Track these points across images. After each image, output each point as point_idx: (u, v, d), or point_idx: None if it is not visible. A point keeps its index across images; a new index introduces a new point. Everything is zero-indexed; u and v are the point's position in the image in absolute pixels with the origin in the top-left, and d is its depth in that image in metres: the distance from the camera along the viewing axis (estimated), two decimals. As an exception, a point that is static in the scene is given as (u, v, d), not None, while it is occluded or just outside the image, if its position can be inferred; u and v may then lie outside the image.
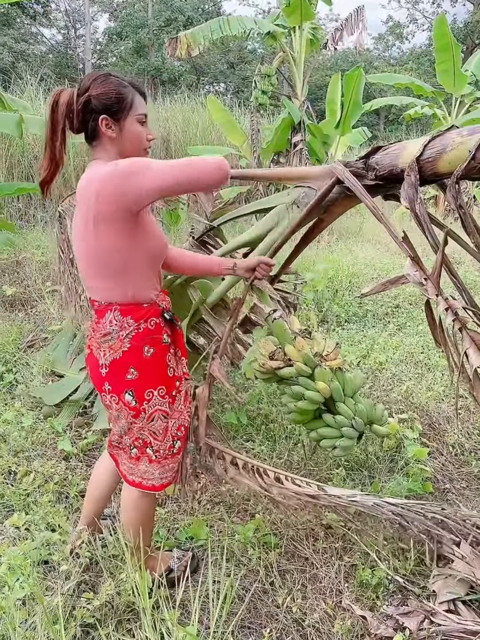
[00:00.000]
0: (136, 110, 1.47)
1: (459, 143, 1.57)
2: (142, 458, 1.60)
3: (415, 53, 28.44)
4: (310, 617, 1.71)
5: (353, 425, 1.92)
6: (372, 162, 1.83)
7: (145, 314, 1.51)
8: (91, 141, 1.49)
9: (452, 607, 1.71)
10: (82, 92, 1.42)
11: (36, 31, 25.81)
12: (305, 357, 1.99)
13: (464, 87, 8.90)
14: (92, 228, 1.39)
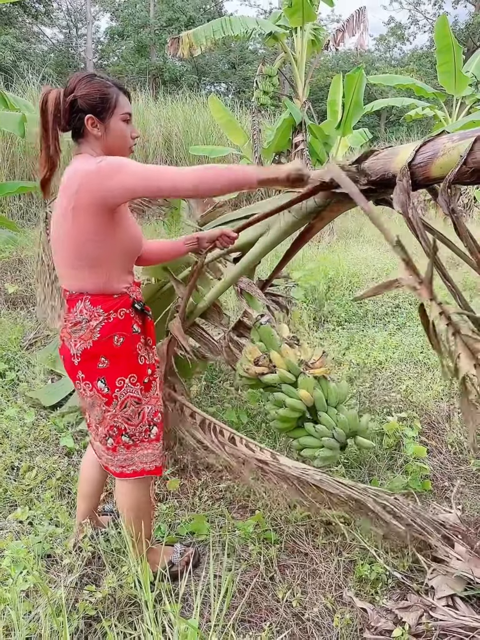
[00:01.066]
0: (121, 109, 1.51)
1: (450, 148, 1.58)
2: (118, 447, 1.63)
3: (417, 54, 28.46)
4: (310, 612, 1.73)
5: (334, 436, 1.93)
6: (364, 167, 1.84)
7: (115, 304, 1.54)
8: (77, 138, 1.53)
9: (450, 603, 1.73)
10: (68, 92, 1.47)
11: (38, 30, 25.84)
12: (289, 364, 2.00)
13: (464, 89, 8.92)
14: (71, 218, 1.43)
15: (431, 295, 1.51)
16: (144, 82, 17.49)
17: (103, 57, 28.38)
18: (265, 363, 2.04)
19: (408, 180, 1.65)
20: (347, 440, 1.97)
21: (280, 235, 2.14)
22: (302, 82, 8.56)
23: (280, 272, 2.61)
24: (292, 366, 1.97)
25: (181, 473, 2.40)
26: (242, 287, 2.28)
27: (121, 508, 1.71)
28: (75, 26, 27.70)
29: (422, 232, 1.65)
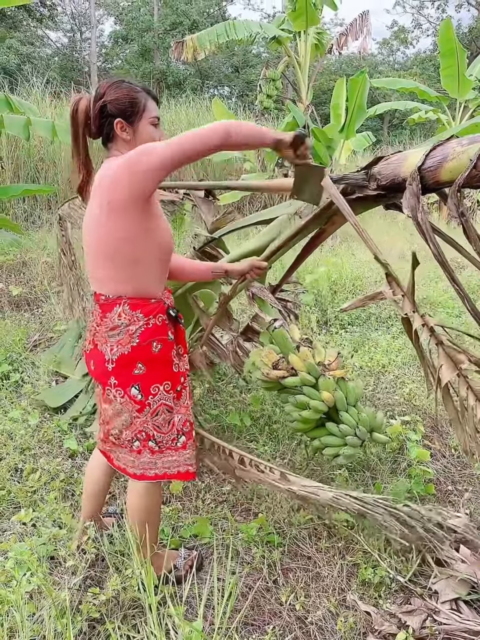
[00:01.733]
0: (149, 113, 1.53)
1: (460, 152, 1.59)
2: (143, 451, 1.62)
3: (420, 58, 28.51)
4: (313, 615, 1.73)
5: (357, 434, 1.95)
6: (374, 172, 1.85)
7: (153, 309, 1.54)
8: (107, 143, 1.56)
9: (454, 607, 1.72)
10: (98, 98, 1.50)
11: (42, 34, 25.97)
12: (310, 367, 2.02)
13: (468, 92, 8.94)
14: (105, 218, 1.44)
15: (413, 308, 1.52)
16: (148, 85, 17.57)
17: (107, 61, 28.51)
18: (285, 366, 2.06)
19: (418, 184, 1.66)
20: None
21: (289, 239, 2.15)
22: (306, 85, 8.59)
23: (290, 278, 2.62)
24: (313, 369, 1.99)
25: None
26: (254, 292, 2.30)
27: (132, 510, 1.70)
28: (79, 30, 27.84)
29: (431, 236, 1.66)
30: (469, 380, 1.46)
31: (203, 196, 2.67)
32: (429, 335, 1.51)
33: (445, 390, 1.54)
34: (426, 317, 1.52)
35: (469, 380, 1.46)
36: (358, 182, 1.89)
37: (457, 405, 1.53)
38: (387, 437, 2.02)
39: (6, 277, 5.02)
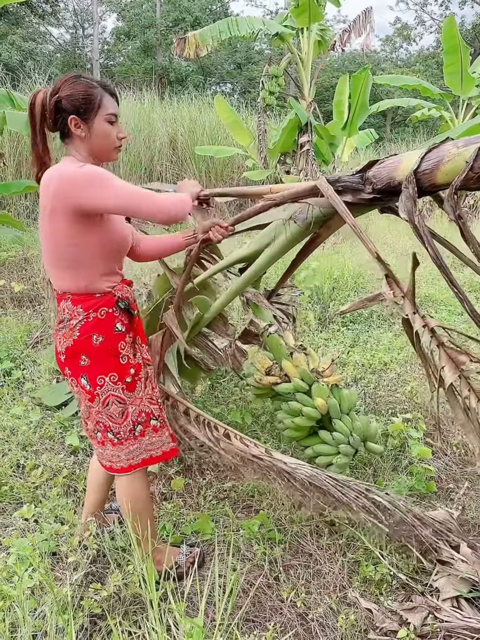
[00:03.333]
0: (105, 110, 1.52)
1: (455, 154, 1.59)
2: (106, 442, 1.65)
3: (423, 55, 28.41)
4: (315, 612, 1.73)
5: (350, 443, 1.93)
6: (369, 176, 1.85)
7: (95, 303, 1.56)
8: (64, 139, 1.55)
9: (455, 604, 1.72)
10: (53, 93, 1.49)
11: (44, 30, 25.92)
12: (303, 373, 2.00)
13: (471, 89, 8.89)
14: (48, 221, 1.47)
15: (414, 309, 1.52)
16: (150, 82, 17.52)
17: (109, 57, 28.45)
18: (277, 372, 2.05)
19: (414, 187, 1.65)
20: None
21: (286, 246, 2.14)
22: (308, 82, 8.57)
23: (286, 282, 2.62)
24: (306, 375, 1.98)
25: (186, 472, 2.41)
26: (249, 297, 2.30)
27: (120, 503, 1.74)
28: (81, 26, 27.79)
29: (429, 239, 1.65)
30: (471, 382, 1.46)
31: (197, 204, 2.66)
32: (430, 337, 1.50)
33: (451, 392, 1.53)
34: (427, 318, 1.52)
35: (471, 382, 1.46)
36: (353, 185, 1.89)
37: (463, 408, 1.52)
38: (381, 447, 2.01)
39: (8, 274, 5.03)
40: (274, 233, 2.14)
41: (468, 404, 1.47)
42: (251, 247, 2.24)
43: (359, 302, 1.72)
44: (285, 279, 2.51)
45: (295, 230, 2.08)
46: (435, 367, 1.55)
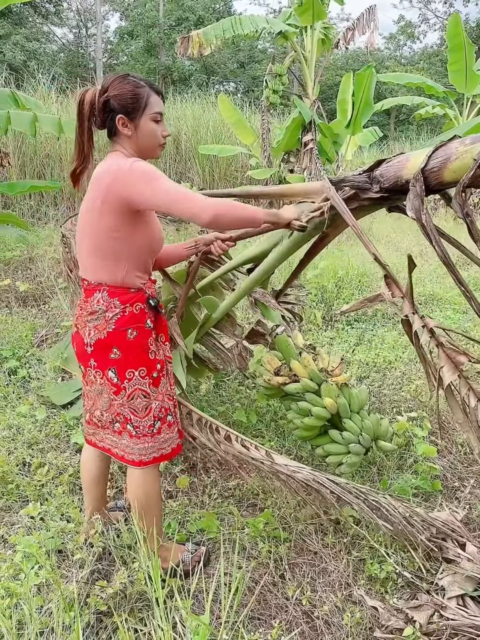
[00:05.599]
0: (151, 109, 1.55)
1: (463, 152, 1.58)
2: (123, 433, 1.67)
3: (427, 53, 28.32)
4: (320, 610, 1.73)
5: (360, 442, 1.93)
6: (376, 175, 1.85)
7: (131, 298, 1.60)
8: (111, 137, 1.60)
9: (461, 603, 1.72)
10: (102, 92, 1.53)
11: (48, 30, 25.97)
12: (312, 373, 2.01)
13: (476, 87, 8.85)
14: (98, 212, 1.51)
15: (412, 309, 1.52)
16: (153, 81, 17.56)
17: (112, 57, 28.49)
18: (286, 373, 2.05)
19: (421, 185, 1.65)
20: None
21: (294, 246, 2.14)
22: (312, 81, 8.55)
23: (293, 282, 2.62)
24: (315, 375, 1.98)
25: (191, 471, 2.42)
26: (257, 297, 2.30)
27: (131, 497, 1.75)
28: (85, 26, 27.84)
29: (436, 238, 1.65)
30: (470, 382, 1.46)
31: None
32: (429, 337, 1.50)
33: (450, 393, 1.53)
34: (426, 318, 1.51)
35: (470, 382, 1.46)
36: (360, 184, 1.89)
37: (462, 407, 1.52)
38: (393, 445, 2.01)
39: (13, 273, 5.05)
40: (282, 233, 2.15)
41: (467, 403, 1.47)
42: (259, 247, 2.25)
43: (359, 302, 1.72)
44: (293, 279, 2.51)
45: None
46: (435, 367, 1.55)
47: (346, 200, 1.93)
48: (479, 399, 1.55)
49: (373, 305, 1.77)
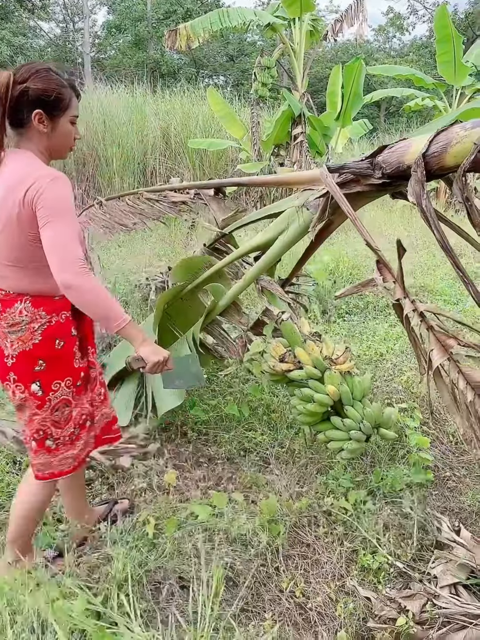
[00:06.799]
0: (71, 111, 1.52)
1: (464, 136, 1.58)
2: (39, 452, 1.60)
3: (416, 45, 28.29)
4: (313, 601, 1.73)
5: (361, 429, 1.95)
6: (378, 161, 1.84)
7: (56, 307, 1.53)
8: (17, 128, 1.48)
9: (454, 591, 1.73)
10: (20, 80, 1.42)
11: (34, 25, 25.65)
12: (316, 361, 2.02)
13: (464, 79, 8.86)
14: (15, 220, 1.42)
15: (404, 294, 1.52)
16: (142, 75, 17.40)
17: (100, 51, 28.22)
18: (291, 359, 2.06)
19: (422, 170, 1.65)
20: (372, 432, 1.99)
21: (299, 233, 2.14)
22: (301, 73, 8.51)
23: (300, 270, 2.62)
24: (319, 362, 1.99)
25: (182, 465, 2.40)
26: (263, 285, 2.29)
27: (20, 504, 1.70)
28: (72, 20, 27.50)
29: (435, 222, 1.64)
30: (459, 365, 1.46)
31: (213, 194, 2.67)
32: (420, 321, 1.50)
33: (438, 375, 1.53)
34: (416, 302, 1.51)
35: (459, 365, 1.46)
36: (362, 170, 1.88)
37: (450, 390, 1.52)
38: (394, 433, 2.01)
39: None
40: (287, 221, 2.14)
41: (456, 385, 1.48)
42: (265, 235, 2.24)
43: (352, 287, 1.72)
44: (299, 268, 2.51)
45: (307, 217, 2.08)
46: (425, 350, 1.55)
47: (347, 186, 1.92)
48: (468, 381, 1.56)
49: (364, 291, 1.76)
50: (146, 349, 1.53)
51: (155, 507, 2.10)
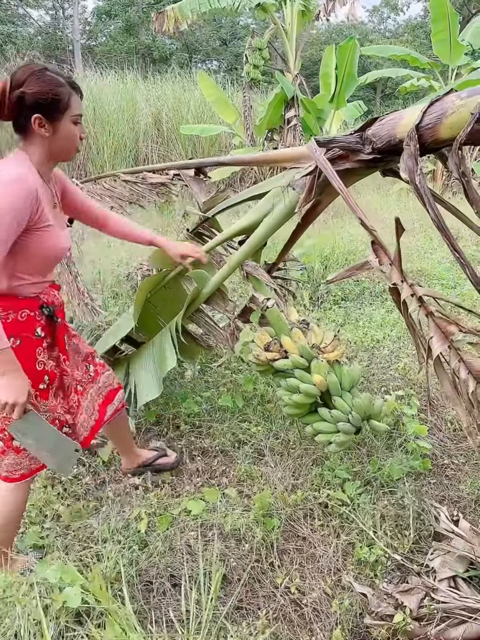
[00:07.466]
0: (72, 111, 1.45)
1: (460, 106, 1.48)
2: (7, 452, 1.56)
3: (411, 25, 27.86)
4: (309, 597, 1.69)
5: (350, 420, 1.87)
6: (368, 135, 1.74)
7: (17, 305, 1.48)
8: (20, 133, 1.45)
9: (452, 584, 1.68)
10: (15, 85, 1.37)
11: (23, 12, 25.19)
12: (302, 349, 1.93)
13: (460, 58, 8.68)
14: None
15: (401, 277, 1.44)
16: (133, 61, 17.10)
17: (91, 38, 27.78)
18: (276, 348, 1.97)
19: (415, 144, 1.55)
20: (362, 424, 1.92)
21: (284, 215, 2.04)
22: (294, 54, 8.35)
23: (287, 255, 2.53)
24: (305, 351, 1.91)
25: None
26: (249, 270, 2.21)
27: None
28: (61, 7, 27.01)
29: (430, 200, 1.56)
30: (461, 352, 1.38)
31: (193, 175, 2.57)
32: (418, 306, 1.42)
33: (438, 364, 1.46)
34: (415, 286, 1.43)
35: (461, 352, 1.38)
36: (351, 145, 1.78)
37: (451, 379, 1.45)
38: (385, 426, 1.94)
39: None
40: (272, 202, 2.05)
41: (457, 374, 1.40)
42: (250, 217, 2.15)
43: (345, 270, 1.64)
44: (286, 251, 2.42)
45: (294, 197, 1.99)
46: (424, 337, 1.47)
47: (335, 162, 1.83)
48: (470, 370, 1.48)
49: (358, 274, 1.69)
50: (5, 382, 1.40)
51: (148, 502, 2.05)
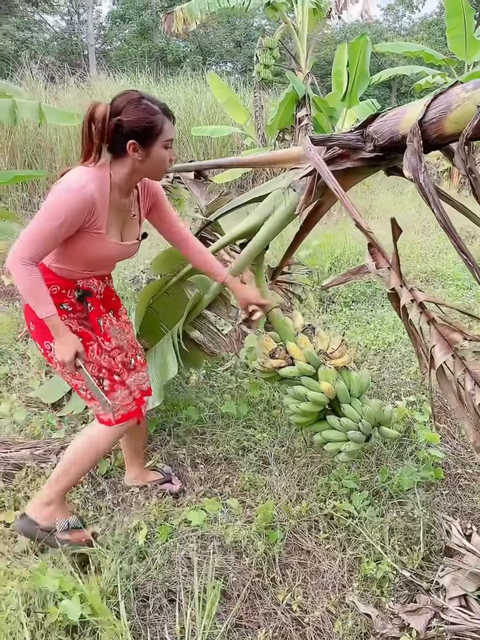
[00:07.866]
0: (164, 136, 1.54)
1: (465, 98, 1.39)
2: (85, 398, 1.78)
3: (426, 22, 27.49)
4: (311, 615, 1.61)
5: (360, 429, 1.79)
6: (369, 132, 1.66)
7: (52, 279, 1.64)
8: (114, 155, 1.57)
9: (463, 603, 1.59)
10: (114, 113, 1.49)
11: (39, 19, 25.48)
12: (308, 355, 1.86)
13: (476, 53, 8.50)
14: None
15: (400, 281, 1.36)
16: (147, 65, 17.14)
17: (106, 42, 27.96)
18: (282, 355, 1.90)
19: (419, 140, 1.47)
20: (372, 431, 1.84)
21: (286, 217, 1.98)
22: (305, 53, 8.25)
23: (291, 259, 2.45)
24: (312, 357, 1.84)
25: (178, 467, 2.29)
26: None
27: (76, 444, 1.82)
28: (76, 12, 27.26)
29: (435, 199, 1.47)
30: (466, 362, 1.28)
31: (193, 178, 2.52)
32: (420, 312, 1.33)
33: (441, 374, 1.36)
34: (415, 291, 1.35)
35: (466, 362, 1.28)
36: (350, 143, 1.70)
37: (456, 391, 1.35)
38: (396, 432, 1.86)
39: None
40: (273, 204, 1.99)
41: (463, 385, 1.31)
42: (251, 220, 2.08)
43: (342, 275, 1.57)
44: (290, 255, 2.35)
45: (294, 199, 1.92)
46: (426, 346, 1.38)
47: (335, 162, 1.75)
48: (476, 382, 1.38)
49: (354, 279, 1.61)
50: (57, 346, 1.62)
51: (148, 511, 1.99)
